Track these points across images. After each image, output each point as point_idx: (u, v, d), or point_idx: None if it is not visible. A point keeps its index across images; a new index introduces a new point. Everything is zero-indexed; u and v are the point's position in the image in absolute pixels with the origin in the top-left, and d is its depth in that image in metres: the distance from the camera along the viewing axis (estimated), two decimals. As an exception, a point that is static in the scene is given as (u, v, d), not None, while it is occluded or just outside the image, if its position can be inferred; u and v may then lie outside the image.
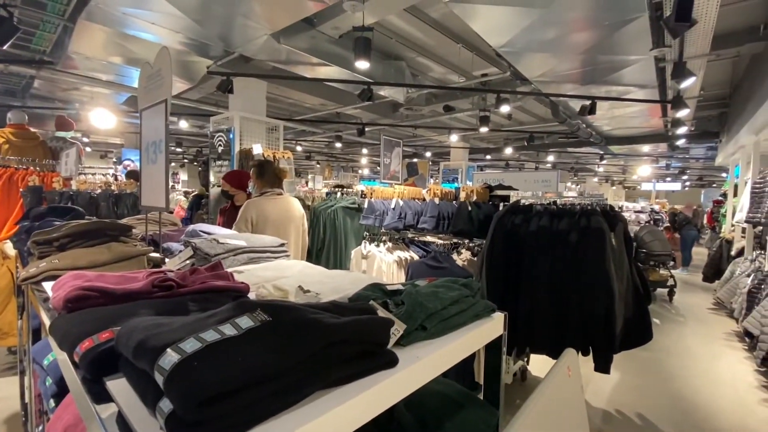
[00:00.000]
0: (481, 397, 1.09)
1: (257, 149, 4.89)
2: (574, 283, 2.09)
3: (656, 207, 9.81)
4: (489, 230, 2.33)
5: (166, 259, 1.58)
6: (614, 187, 21.12)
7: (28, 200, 3.21)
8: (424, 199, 3.33)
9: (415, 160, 10.46)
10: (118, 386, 0.60)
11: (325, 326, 0.60)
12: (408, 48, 5.13)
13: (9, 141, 4.20)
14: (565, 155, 12.81)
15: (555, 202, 2.37)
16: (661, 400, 3.19)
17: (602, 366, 2.09)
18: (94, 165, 8.30)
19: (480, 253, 2.45)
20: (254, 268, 1.35)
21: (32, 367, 1.43)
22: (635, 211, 9.10)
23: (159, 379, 0.48)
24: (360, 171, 17.54)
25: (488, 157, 11.86)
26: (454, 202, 3.00)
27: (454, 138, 8.59)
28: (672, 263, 6.48)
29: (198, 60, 4.63)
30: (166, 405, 0.48)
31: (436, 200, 3.01)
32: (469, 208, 2.64)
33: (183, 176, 15.74)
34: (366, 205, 3.31)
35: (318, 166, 14.90)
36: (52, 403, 1.05)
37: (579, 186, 17.04)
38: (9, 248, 3.10)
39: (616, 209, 2.39)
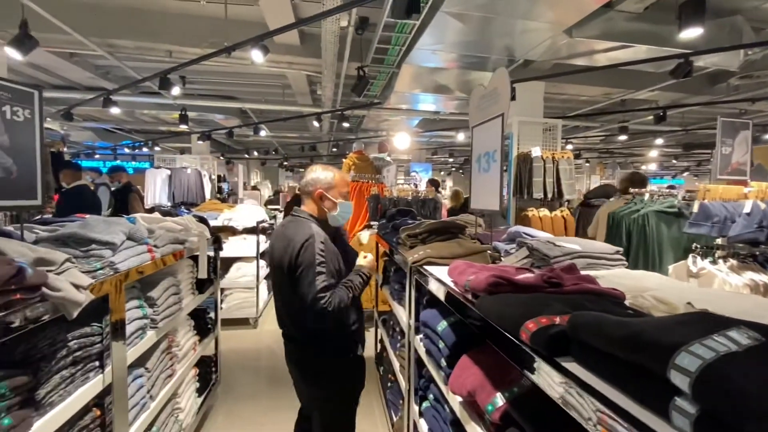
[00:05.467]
0: None
1: (536, 152, 4.83)
2: None
3: None
4: None
5: (501, 258, 1.75)
6: None
7: (371, 204, 4.42)
8: (805, 200, 2.30)
9: (744, 146, 7.53)
10: (573, 367, 0.68)
11: None
12: (753, -7, 3.75)
13: (354, 163, 6.00)
14: None
15: None
16: None
17: None
18: (394, 177, 10.70)
19: None
20: (607, 274, 1.30)
21: (411, 330, 1.91)
22: None
23: (679, 378, 0.49)
24: (644, 166, 14.37)
25: None
26: None
27: (833, 106, 5.60)
28: None
29: (473, 77, 5.06)
30: (687, 405, 0.49)
31: (843, 201, 2.00)
32: None
33: (449, 182, 17.69)
34: (696, 209, 2.61)
35: (587, 164, 13.20)
36: (443, 362, 1.36)
37: None
38: (363, 237, 4.38)
39: None
